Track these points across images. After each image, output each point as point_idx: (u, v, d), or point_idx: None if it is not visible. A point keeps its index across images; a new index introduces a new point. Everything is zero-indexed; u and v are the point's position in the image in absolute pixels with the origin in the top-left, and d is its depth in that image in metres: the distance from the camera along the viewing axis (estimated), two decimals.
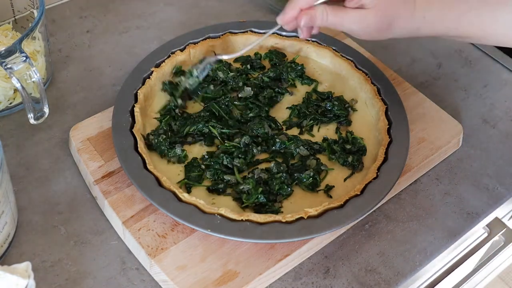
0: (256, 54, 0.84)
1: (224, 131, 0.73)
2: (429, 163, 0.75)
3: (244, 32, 0.85)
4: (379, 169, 0.69)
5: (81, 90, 0.83)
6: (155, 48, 0.81)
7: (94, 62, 0.87)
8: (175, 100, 0.75)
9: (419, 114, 0.79)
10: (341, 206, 0.66)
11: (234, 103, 0.77)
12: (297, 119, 0.76)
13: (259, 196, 0.67)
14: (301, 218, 0.64)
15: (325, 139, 0.74)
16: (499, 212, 0.77)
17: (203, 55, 0.81)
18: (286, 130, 0.76)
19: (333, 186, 0.70)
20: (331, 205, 0.65)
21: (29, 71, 0.67)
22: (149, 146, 0.71)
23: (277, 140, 0.72)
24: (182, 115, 0.75)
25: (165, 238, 0.64)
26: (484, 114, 0.84)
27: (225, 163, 0.70)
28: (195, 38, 0.82)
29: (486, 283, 1.23)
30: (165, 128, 0.73)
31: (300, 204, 0.68)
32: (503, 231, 0.81)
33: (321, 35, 0.85)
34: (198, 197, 0.65)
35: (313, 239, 0.65)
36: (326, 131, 0.76)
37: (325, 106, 0.77)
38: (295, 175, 0.70)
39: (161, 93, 0.78)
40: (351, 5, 0.64)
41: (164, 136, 0.71)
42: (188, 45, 0.82)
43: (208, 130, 0.73)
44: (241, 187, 0.67)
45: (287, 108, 0.78)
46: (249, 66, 0.82)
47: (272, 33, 0.70)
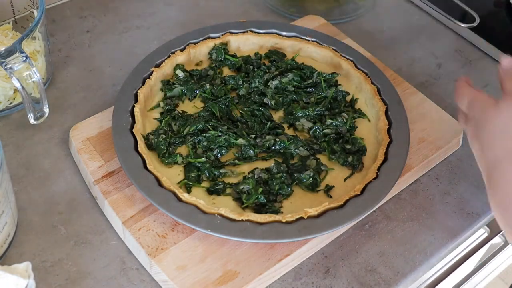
0: (256, 54, 0.84)
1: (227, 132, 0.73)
2: (429, 163, 0.75)
3: (244, 32, 0.85)
4: (379, 169, 0.69)
5: (81, 90, 0.83)
6: (155, 48, 0.81)
7: (94, 62, 0.87)
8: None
9: (419, 114, 0.79)
10: (341, 206, 0.66)
11: (235, 103, 0.77)
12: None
13: (259, 196, 0.67)
14: (301, 218, 0.64)
15: (325, 135, 0.74)
16: None
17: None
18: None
19: (333, 186, 0.70)
20: (331, 205, 0.65)
21: (29, 71, 0.67)
22: (149, 146, 0.71)
23: (277, 140, 0.72)
24: (182, 115, 0.75)
25: (165, 238, 0.64)
26: None
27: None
28: (195, 38, 0.82)
29: (486, 283, 1.22)
30: (165, 128, 0.73)
31: (300, 204, 0.68)
32: (503, 231, 0.81)
33: (321, 35, 0.85)
34: (198, 197, 0.65)
35: (313, 239, 0.65)
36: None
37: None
38: (295, 175, 0.70)
39: (161, 93, 0.78)
40: None
41: (164, 136, 0.71)
42: (188, 45, 0.82)
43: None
44: (241, 187, 0.67)
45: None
46: (251, 67, 0.82)
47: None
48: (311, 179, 0.69)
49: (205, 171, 0.69)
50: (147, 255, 0.63)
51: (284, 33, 0.85)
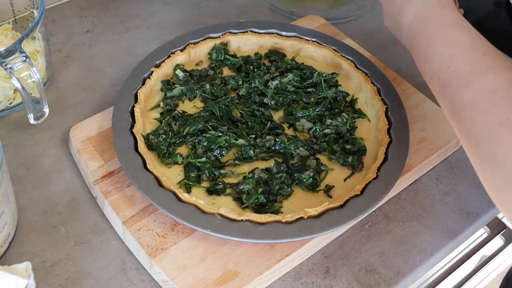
0: (256, 54, 0.84)
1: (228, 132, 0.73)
2: (429, 163, 0.75)
3: (244, 32, 0.85)
4: (379, 169, 0.69)
5: (81, 90, 0.83)
6: (155, 48, 0.81)
7: (94, 62, 0.87)
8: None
9: (419, 114, 0.79)
10: (341, 206, 0.66)
11: (235, 102, 0.77)
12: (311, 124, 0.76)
13: (259, 196, 0.67)
14: (301, 218, 0.64)
15: (325, 135, 0.74)
16: (499, 212, 0.77)
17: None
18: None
19: (333, 186, 0.70)
20: (331, 205, 0.65)
21: (29, 71, 0.67)
22: (149, 146, 0.71)
23: (277, 140, 0.72)
24: (182, 115, 0.75)
25: (165, 238, 0.64)
26: None
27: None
28: (195, 38, 0.83)
29: (486, 283, 1.22)
30: (165, 128, 0.73)
31: (300, 204, 0.67)
32: (503, 231, 0.81)
33: (321, 35, 0.85)
34: (198, 197, 0.65)
35: (313, 239, 0.65)
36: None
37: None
38: (295, 175, 0.70)
39: (161, 93, 0.78)
40: None
41: (164, 136, 0.71)
42: (188, 45, 0.82)
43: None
44: (241, 187, 0.67)
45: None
46: (251, 67, 0.82)
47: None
48: (311, 179, 0.69)
49: (205, 171, 0.69)
50: (147, 255, 0.63)
51: (284, 33, 0.85)
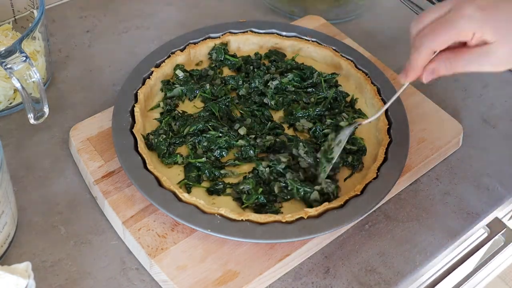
0: (256, 54, 0.84)
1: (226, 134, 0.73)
2: (429, 163, 0.75)
3: (244, 32, 0.85)
4: (379, 169, 0.69)
5: (81, 90, 0.83)
6: (155, 48, 0.81)
7: (94, 62, 0.87)
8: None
9: (419, 114, 0.79)
10: (341, 206, 0.66)
11: (235, 102, 0.77)
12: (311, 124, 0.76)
13: (259, 196, 0.67)
14: (301, 218, 0.64)
15: (325, 135, 0.74)
16: (499, 212, 0.77)
17: None
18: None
19: None
20: (331, 205, 0.65)
21: (29, 71, 0.67)
22: (149, 146, 0.71)
23: (277, 140, 0.72)
24: (182, 115, 0.75)
25: (165, 238, 0.64)
26: (484, 114, 0.84)
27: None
28: (195, 38, 0.83)
29: (486, 283, 1.22)
30: (165, 128, 0.73)
31: (300, 204, 0.68)
32: (503, 231, 0.81)
33: (321, 35, 0.85)
34: (198, 197, 0.65)
35: (313, 239, 0.65)
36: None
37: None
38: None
39: (161, 93, 0.78)
40: (473, 44, 0.58)
41: (164, 136, 0.71)
42: (188, 45, 0.82)
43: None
44: (241, 187, 0.67)
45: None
46: (251, 67, 0.82)
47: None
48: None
49: (205, 171, 0.69)
50: (147, 255, 0.63)
51: (284, 33, 0.85)
